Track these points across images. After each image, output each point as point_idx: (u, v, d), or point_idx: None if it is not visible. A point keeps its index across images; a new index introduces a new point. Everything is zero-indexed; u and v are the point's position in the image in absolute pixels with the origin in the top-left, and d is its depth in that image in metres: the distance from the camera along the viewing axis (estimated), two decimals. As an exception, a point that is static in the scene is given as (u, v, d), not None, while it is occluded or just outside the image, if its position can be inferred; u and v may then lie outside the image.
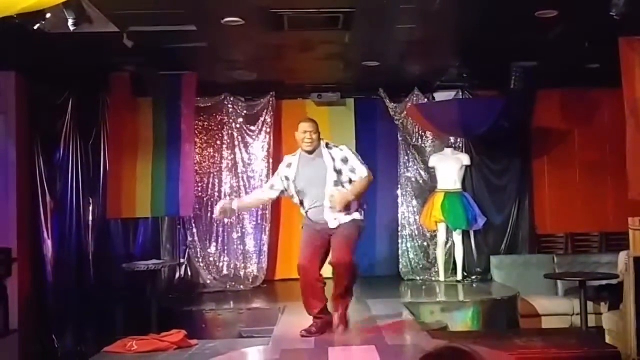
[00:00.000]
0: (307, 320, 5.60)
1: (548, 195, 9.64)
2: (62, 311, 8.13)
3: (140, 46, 6.50)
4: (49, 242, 8.06)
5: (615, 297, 7.13)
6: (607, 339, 6.79)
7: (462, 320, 7.40)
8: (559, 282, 8.71)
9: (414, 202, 9.53)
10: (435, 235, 9.14)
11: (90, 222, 8.78)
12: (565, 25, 6.53)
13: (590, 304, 7.57)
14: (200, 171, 9.40)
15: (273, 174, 9.43)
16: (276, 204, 9.58)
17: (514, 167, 9.53)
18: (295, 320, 6.05)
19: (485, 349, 4.76)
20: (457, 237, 8.98)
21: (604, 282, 7.78)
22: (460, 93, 9.43)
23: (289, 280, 9.63)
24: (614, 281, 7.44)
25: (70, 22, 5.57)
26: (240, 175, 9.49)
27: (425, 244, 9.50)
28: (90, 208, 8.80)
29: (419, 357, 1.94)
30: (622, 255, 7.04)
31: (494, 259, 9.22)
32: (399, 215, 9.56)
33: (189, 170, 8.18)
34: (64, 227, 8.39)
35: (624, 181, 6.87)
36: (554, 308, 8.28)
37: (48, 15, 5.08)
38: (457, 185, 8.99)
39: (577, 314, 7.74)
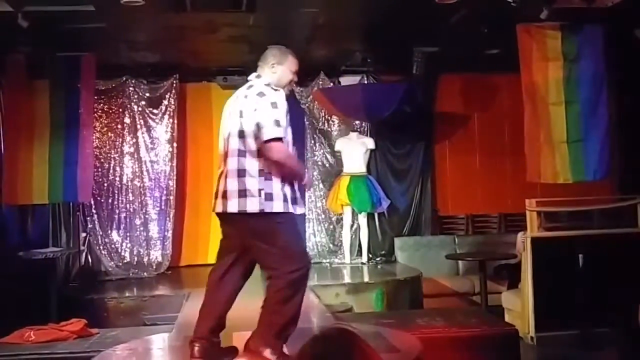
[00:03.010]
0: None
1: (449, 178, 9.87)
2: (-45, 301, 7.79)
3: (36, 27, 6.26)
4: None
5: (513, 277, 7.38)
6: (507, 318, 7.02)
7: (367, 302, 7.50)
8: (460, 262, 8.97)
9: (321, 185, 9.58)
10: (342, 219, 9.22)
11: (-15, 209, 8.43)
12: (465, 12, 6.69)
13: (490, 284, 7.79)
14: (101, 156, 9.15)
15: (177, 158, 9.37)
16: (181, 189, 9.47)
17: (416, 151, 9.69)
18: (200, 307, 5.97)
19: (388, 329, 4.84)
20: (362, 219, 9.10)
21: (503, 262, 8.04)
22: (366, 78, 9.51)
23: (194, 266, 9.54)
24: (512, 261, 7.69)
25: (-40, 0, 5.33)
26: (143, 160, 9.29)
27: (331, 227, 9.57)
28: (-14, 194, 8.44)
29: (306, 341, 1.93)
30: (520, 236, 7.28)
31: (397, 241, 9.39)
32: (306, 199, 9.59)
33: (88, 155, 7.94)
34: (-42, 215, 8.03)
35: (522, 164, 7.10)
36: (456, 288, 8.52)
37: None
38: (363, 169, 9.09)
39: (478, 294, 7.98)
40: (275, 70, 4.13)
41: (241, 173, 3.85)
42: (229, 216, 3.92)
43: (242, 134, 3.89)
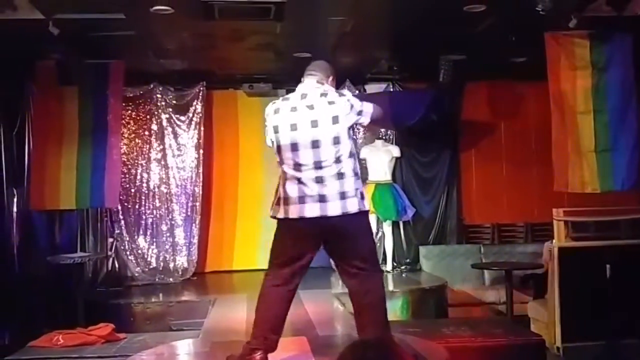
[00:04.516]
0: (238, 313, 5.55)
1: (475, 187, 9.83)
2: (-15, 306, 7.89)
3: (67, 34, 6.33)
4: (-28, 235, 7.80)
5: (540, 287, 7.30)
6: (533, 328, 6.95)
7: (391, 310, 7.41)
8: (485, 271, 8.91)
9: (345, 193, 9.55)
10: (366, 227, 9.20)
11: (14, 214, 8.52)
12: (493, 20, 6.67)
13: (516, 293, 7.73)
14: (128, 162, 9.24)
15: (204, 164, 9.44)
16: (207, 195, 9.53)
17: (442, 159, 9.67)
18: (226, 312, 6.01)
19: (414, 338, 4.83)
20: (387, 228, 9.08)
21: (529, 271, 7.97)
22: (391, 86, 9.51)
23: (219, 272, 9.60)
24: (539, 271, 7.62)
25: (-6, 9, 5.41)
26: (169, 166, 9.36)
27: (356, 235, 9.55)
28: (15, 199, 8.53)
29: (346, 346, 1.95)
30: (547, 245, 7.22)
31: (422, 250, 9.36)
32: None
33: (116, 161, 8.00)
34: (-12, 219, 8.14)
35: (549, 173, 7.04)
36: (481, 297, 8.47)
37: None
38: (388, 177, 9.08)
39: (504, 303, 7.91)
40: (333, 82, 4.27)
41: (340, 176, 3.95)
42: (320, 220, 3.94)
43: (337, 140, 3.96)
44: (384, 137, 9.46)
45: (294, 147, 3.98)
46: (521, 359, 5.03)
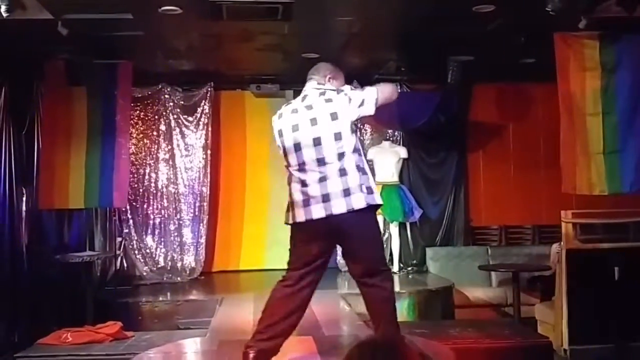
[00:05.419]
0: (245, 312, 5.55)
1: (483, 189, 9.81)
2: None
3: (76, 34, 6.35)
4: (-19, 234, 7.82)
5: (547, 289, 7.29)
6: (540, 330, 6.94)
7: (398, 311, 7.42)
8: (492, 273, 8.88)
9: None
10: (373, 228, 9.19)
11: (24, 213, 8.55)
12: (502, 20, 6.65)
13: (523, 295, 7.72)
14: (137, 162, 9.28)
15: (211, 165, 9.46)
16: (214, 195, 9.55)
17: (450, 161, 9.66)
18: (233, 312, 6.02)
19: (421, 339, 4.82)
20: (394, 229, 9.07)
21: (536, 273, 7.96)
22: (399, 87, 9.49)
23: (226, 272, 9.62)
24: (546, 273, 7.61)
25: (3, 8, 5.43)
26: (177, 166, 9.39)
27: (363, 236, 9.54)
28: (24, 199, 8.56)
29: (354, 345, 1.94)
30: (555, 248, 7.20)
31: (429, 251, 9.35)
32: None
33: (124, 161, 8.02)
34: (-3, 218, 8.17)
35: (557, 175, 7.01)
36: (488, 299, 8.45)
37: (-20, 2, 4.92)
38: (395, 178, 9.07)
39: (511, 305, 7.90)
40: (332, 84, 4.21)
41: (342, 172, 3.94)
42: (327, 220, 3.94)
43: (338, 136, 3.97)
44: (391, 139, 9.45)
45: (297, 147, 4.02)
46: (528, 361, 5.03)
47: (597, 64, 6.69)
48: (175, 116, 9.39)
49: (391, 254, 9.11)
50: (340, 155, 3.96)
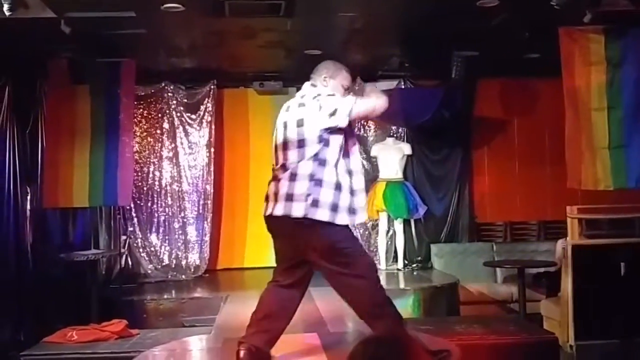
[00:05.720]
0: (250, 309, 5.54)
1: (488, 185, 9.78)
2: None
3: (78, 32, 6.35)
4: (-15, 233, 7.83)
5: (553, 285, 7.27)
6: (545, 326, 6.92)
7: (403, 308, 7.41)
8: (498, 269, 8.87)
9: (356, 191, 9.54)
10: (377, 224, 9.19)
11: (28, 212, 8.56)
12: (506, 15, 6.62)
13: (528, 291, 7.70)
14: (140, 160, 9.28)
15: (215, 163, 9.44)
16: (218, 193, 9.54)
17: (454, 157, 9.63)
18: (238, 309, 6.01)
19: (426, 335, 4.80)
20: (398, 226, 9.06)
21: (542, 269, 7.93)
22: (403, 82, 9.48)
23: (231, 269, 9.62)
24: (551, 269, 7.58)
25: (6, 7, 5.42)
26: (181, 164, 9.39)
27: (367, 233, 9.54)
28: (29, 197, 8.57)
29: (358, 342, 1.93)
30: (560, 243, 7.18)
31: (434, 247, 9.34)
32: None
33: (128, 159, 8.02)
34: (1, 217, 8.16)
35: (562, 171, 6.98)
36: (494, 295, 8.43)
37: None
38: (399, 175, 9.05)
39: (516, 301, 7.88)
40: (327, 84, 4.14)
41: (292, 178, 3.93)
42: (270, 218, 4.03)
43: (302, 143, 3.92)
44: (395, 135, 9.43)
45: (274, 147, 4.11)
46: (534, 357, 5.00)
47: (602, 58, 6.64)
48: (178, 114, 9.39)
49: (396, 251, 9.12)
50: (299, 162, 3.91)
